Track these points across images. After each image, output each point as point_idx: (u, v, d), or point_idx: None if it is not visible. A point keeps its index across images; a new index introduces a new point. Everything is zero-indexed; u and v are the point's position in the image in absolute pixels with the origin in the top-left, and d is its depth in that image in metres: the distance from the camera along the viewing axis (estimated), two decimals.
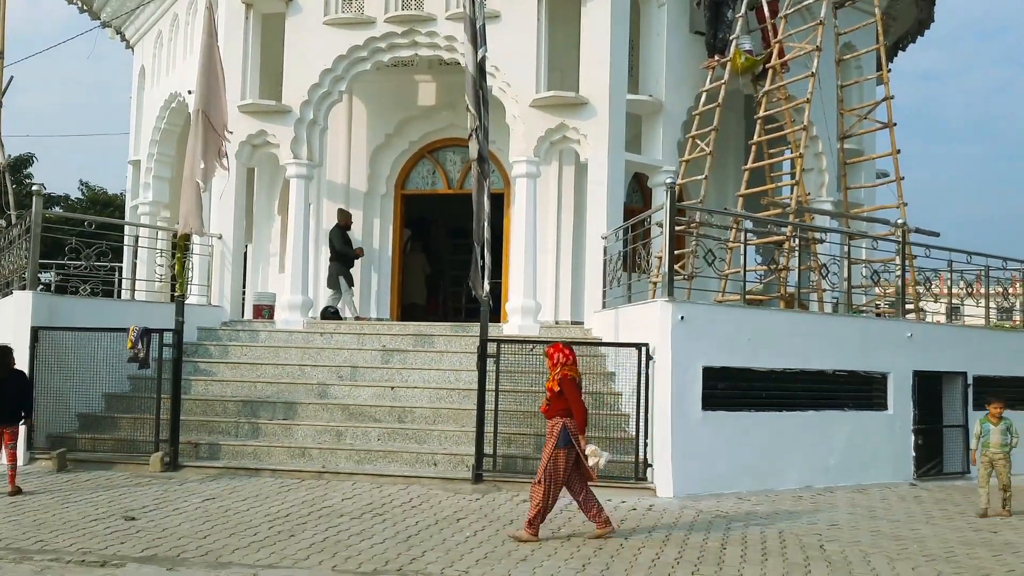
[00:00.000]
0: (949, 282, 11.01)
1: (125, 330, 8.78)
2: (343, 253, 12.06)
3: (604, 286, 10.23)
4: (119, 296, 13.80)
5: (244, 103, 11.41)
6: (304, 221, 11.49)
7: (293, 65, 11.43)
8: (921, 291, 10.88)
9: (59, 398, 9.06)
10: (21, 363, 8.85)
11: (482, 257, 7.91)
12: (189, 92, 11.48)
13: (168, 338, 8.66)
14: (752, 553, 5.91)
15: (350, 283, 12.10)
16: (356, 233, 13.01)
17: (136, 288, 13.25)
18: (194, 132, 8.77)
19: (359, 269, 12.81)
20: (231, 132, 8.85)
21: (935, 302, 11.63)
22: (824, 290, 10.56)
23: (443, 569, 5.32)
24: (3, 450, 7.56)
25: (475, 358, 8.30)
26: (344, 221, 12.29)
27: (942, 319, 11.63)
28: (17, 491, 7.35)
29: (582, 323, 10.72)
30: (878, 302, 11.94)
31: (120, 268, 14.66)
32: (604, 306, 10.16)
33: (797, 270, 9.92)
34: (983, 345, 10.33)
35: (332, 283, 12.05)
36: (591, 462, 5.98)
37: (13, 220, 11.85)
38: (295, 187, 11.40)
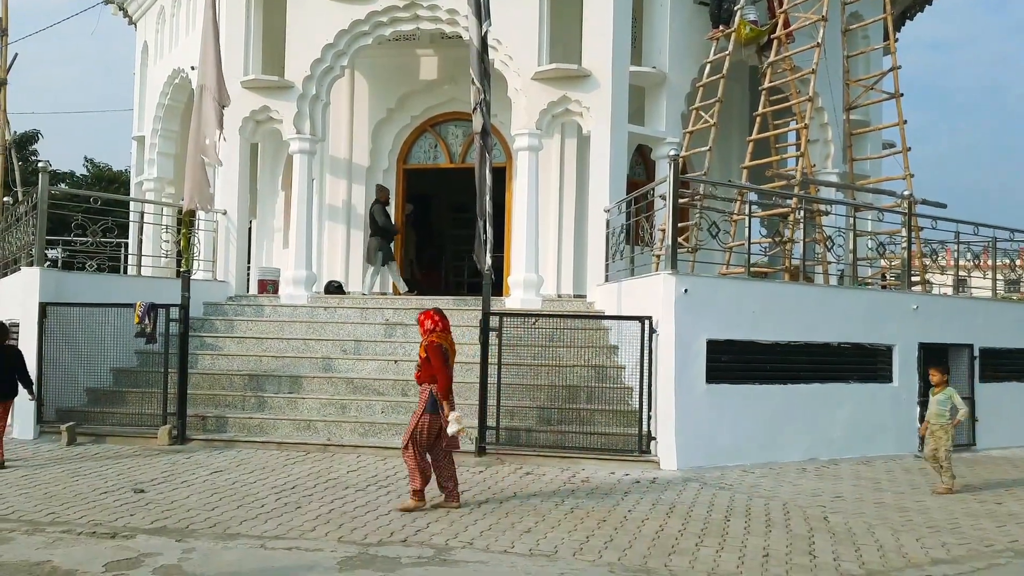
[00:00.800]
0: (956, 254, 10.85)
1: (132, 305, 8.78)
2: (385, 228, 12.01)
3: (607, 259, 10.14)
4: (125, 272, 13.80)
5: (247, 79, 11.28)
6: (307, 196, 11.41)
7: (295, 40, 11.26)
8: (927, 263, 10.74)
9: (68, 373, 9.07)
10: (30, 339, 8.89)
11: (485, 231, 7.83)
12: (192, 68, 11.33)
13: (174, 313, 8.63)
14: (756, 525, 5.88)
15: (388, 258, 12.05)
16: (358, 208, 12.94)
17: (142, 264, 13.23)
18: (197, 108, 8.65)
19: (362, 245, 12.78)
20: (225, 107, 8.67)
21: (942, 274, 11.48)
22: (829, 262, 10.44)
23: (447, 540, 5.31)
24: None
25: (478, 332, 8.23)
26: (384, 196, 12.26)
27: (949, 291, 11.48)
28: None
29: (585, 296, 10.64)
30: (884, 274, 11.82)
31: (126, 244, 14.63)
32: (607, 279, 10.07)
33: (802, 242, 9.80)
34: (990, 317, 10.20)
35: (372, 258, 12.04)
36: (451, 429, 5.93)
37: (20, 197, 11.80)
38: (298, 162, 11.30)
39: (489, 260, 7.95)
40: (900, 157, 11.36)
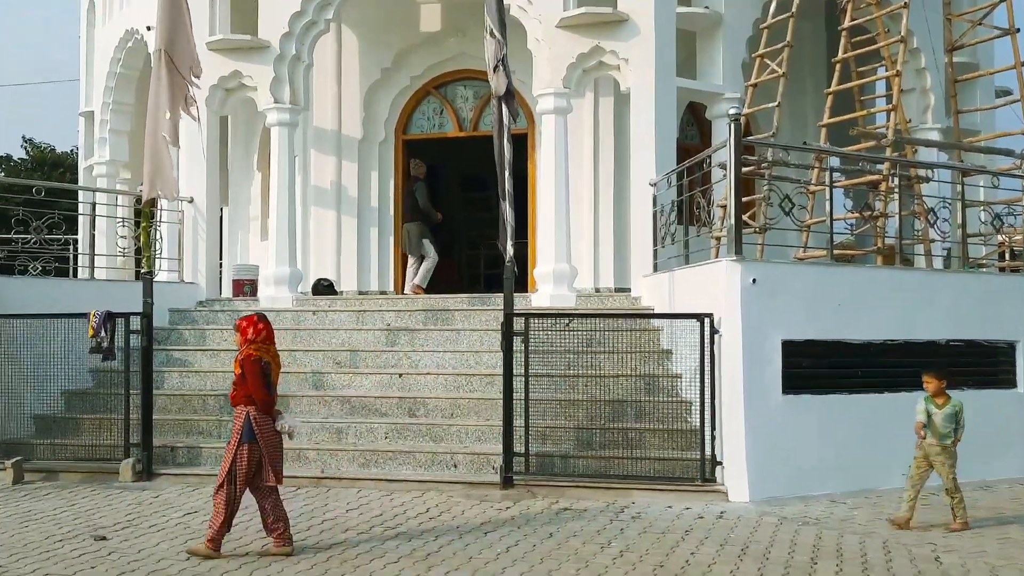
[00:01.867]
0: None
1: (85, 315, 8.85)
2: (426, 212, 12.00)
3: (655, 244, 10.13)
4: (76, 275, 14.00)
5: (213, 39, 11.38)
6: (289, 177, 11.49)
7: None
8: None
9: (11, 398, 9.22)
10: None
11: (507, 214, 7.81)
12: (148, 29, 11.43)
13: (136, 323, 8.71)
14: (850, 568, 5.80)
15: (437, 249, 12.10)
16: (350, 190, 12.98)
17: (95, 265, 13.41)
18: (156, 76, 8.69)
19: (356, 234, 12.83)
20: (197, 77, 8.70)
21: None
22: (932, 241, 10.34)
23: None
24: None
25: (499, 337, 8.22)
26: (421, 172, 12.28)
27: None
28: None
29: (629, 290, 10.65)
30: (1002, 253, 11.65)
31: (76, 241, 14.83)
32: (655, 269, 10.06)
33: (897, 217, 9.70)
34: None
35: (414, 249, 12.05)
36: (280, 425, 6.09)
37: None
38: (277, 136, 11.39)
39: (511, 248, 7.92)
40: (1018, 107, 11.23)
